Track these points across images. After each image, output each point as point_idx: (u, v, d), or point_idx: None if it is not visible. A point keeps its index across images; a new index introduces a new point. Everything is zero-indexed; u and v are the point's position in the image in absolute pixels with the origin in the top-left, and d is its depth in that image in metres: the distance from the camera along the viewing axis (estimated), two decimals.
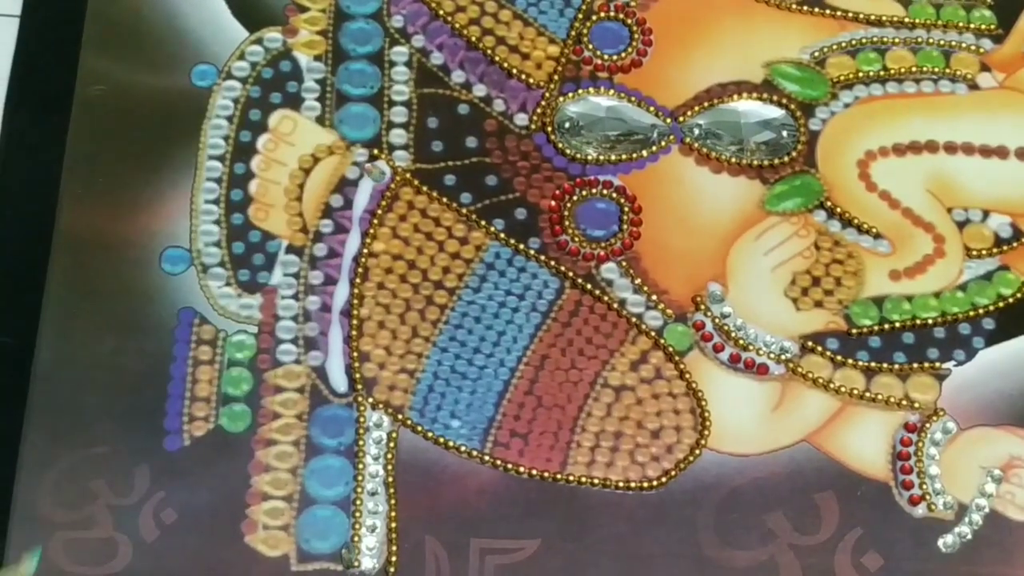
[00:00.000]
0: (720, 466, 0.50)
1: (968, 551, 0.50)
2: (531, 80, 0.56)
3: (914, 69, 0.57)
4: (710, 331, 0.52)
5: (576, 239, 0.53)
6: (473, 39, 0.56)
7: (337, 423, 0.50)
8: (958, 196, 0.55)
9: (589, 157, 0.55)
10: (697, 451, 0.50)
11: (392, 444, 0.50)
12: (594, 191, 0.54)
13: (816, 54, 0.57)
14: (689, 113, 0.56)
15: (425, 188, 0.54)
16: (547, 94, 0.56)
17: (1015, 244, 0.55)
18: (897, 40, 0.58)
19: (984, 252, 0.54)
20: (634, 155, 0.55)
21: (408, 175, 0.54)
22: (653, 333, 0.52)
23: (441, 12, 0.57)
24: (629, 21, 0.57)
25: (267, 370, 0.51)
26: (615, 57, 0.56)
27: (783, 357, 0.52)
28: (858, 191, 0.55)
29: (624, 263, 0.53)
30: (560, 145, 0.55)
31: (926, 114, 0.56)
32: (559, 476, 0.50)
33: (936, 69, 0.57)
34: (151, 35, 0.55)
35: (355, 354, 0.51)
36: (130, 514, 0.48)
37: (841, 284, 0.53)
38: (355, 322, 0.51)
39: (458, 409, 0.51)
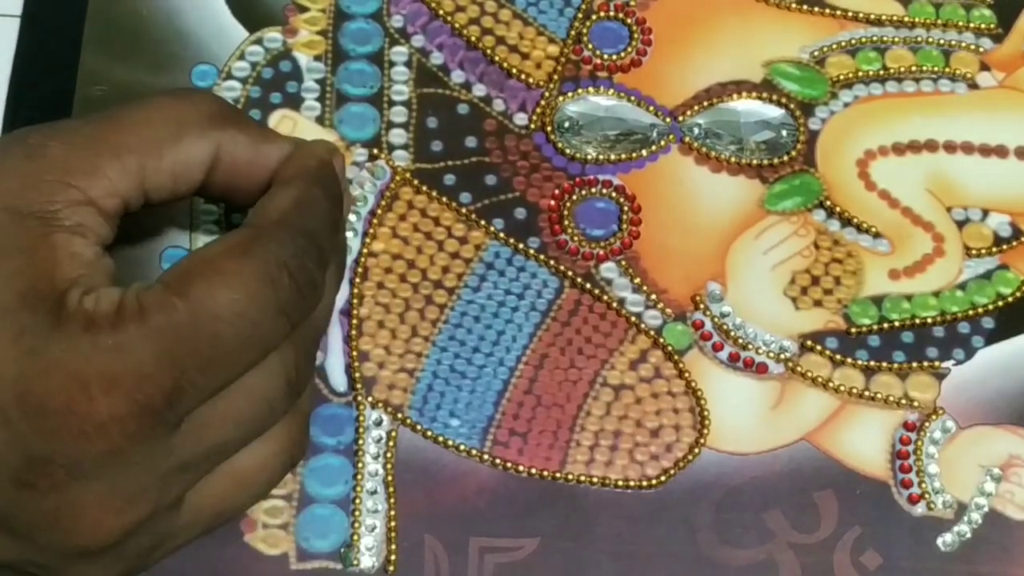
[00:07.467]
0: (719, 465, 0.50)
1: (967, 550, 0.50)
2: (531, 80, 0.56)
3: (914, 68, 0.57)
4: (709, 330, 0.52)
5: (575, 238, 0.53)
6: (473, 39, 0.56)
7: (336, 422, 0.50)
8: (957, 195, 0.55)
9: (589, 156, 0.55)
10: (696, 450, 0.50)
11: (391, 443, 0.50)
12: (593, 190, 0.54)
13: (816, 53, 0.57)
14: (689, 112, 0.56)
15: (425, 188, 0.54)
16: (547, 94, 0.56)
17: (1015, 243, 0.55)
18: (897, 39, 0.58)
19: (983, 251, 0.54)
20: (634, 154, 0.55)
21: (408, 175, 0.54)
22: (652, 332, 0.52)
23: (441, 12, 0.57)
24: (629, 21, 0.57)
25: None
26: (615, 57, 0.56)
27: (782, 356, 0.52)
28: (857, 190, 0.55)
29: (623, 262, 0.53)
30: (560, 145, 0.55)
31: (926, 113, 0.56)
32: (558, 475, 0.50)
33: (936, 68, 0.57)
34: (151, 35, 0.56)
35: (354, 353, 0.51)
36: None
37: (840, 283, 0.53)
38: (355, 321, 0.52)
39: (457, 408, 0.51)
